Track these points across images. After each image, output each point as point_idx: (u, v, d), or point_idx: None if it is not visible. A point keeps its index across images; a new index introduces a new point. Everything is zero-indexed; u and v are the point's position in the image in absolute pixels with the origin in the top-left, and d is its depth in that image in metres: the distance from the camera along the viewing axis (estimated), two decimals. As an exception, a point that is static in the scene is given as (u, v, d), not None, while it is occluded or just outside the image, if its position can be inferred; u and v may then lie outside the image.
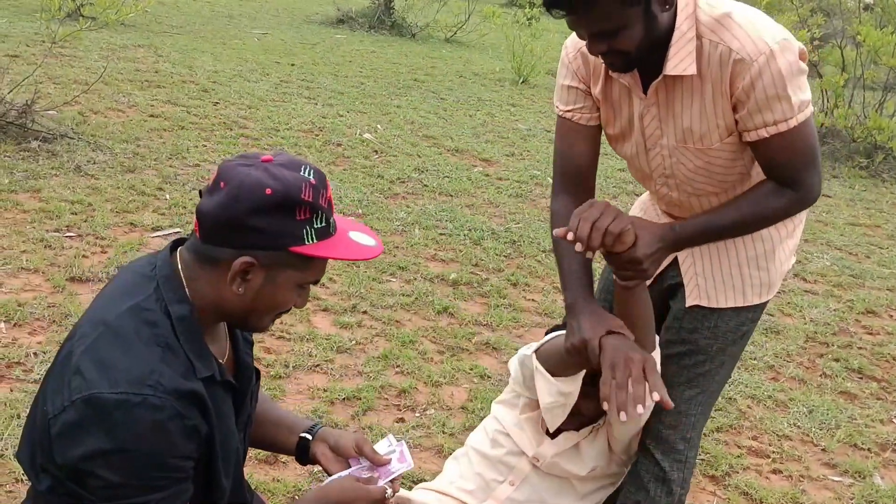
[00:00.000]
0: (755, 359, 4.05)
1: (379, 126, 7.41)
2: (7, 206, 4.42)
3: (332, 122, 7.21)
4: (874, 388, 3.96)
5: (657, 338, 2.04)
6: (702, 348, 2.05)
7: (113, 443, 1.31)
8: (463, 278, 4.48)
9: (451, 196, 5.84)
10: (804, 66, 1.78)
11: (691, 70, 1.77)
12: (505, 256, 4.89)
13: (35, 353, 3.16)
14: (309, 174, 1.41)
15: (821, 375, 4.01)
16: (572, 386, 2.01)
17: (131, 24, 9.71)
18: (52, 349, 3.21)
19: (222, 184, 1.37)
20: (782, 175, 1.84)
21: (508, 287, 4.47)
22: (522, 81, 11.05)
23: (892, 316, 4.88)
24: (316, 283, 1.51)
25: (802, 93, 1.78)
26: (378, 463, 1.73)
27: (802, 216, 2.09)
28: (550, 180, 2.06)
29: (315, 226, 1.41)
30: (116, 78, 7.36)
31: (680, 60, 1.77)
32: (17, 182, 4.72)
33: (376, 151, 6.64)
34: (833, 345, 4.33)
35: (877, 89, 9.50)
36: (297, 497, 2.65)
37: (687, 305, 2.06)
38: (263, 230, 1.37)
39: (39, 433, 1.40)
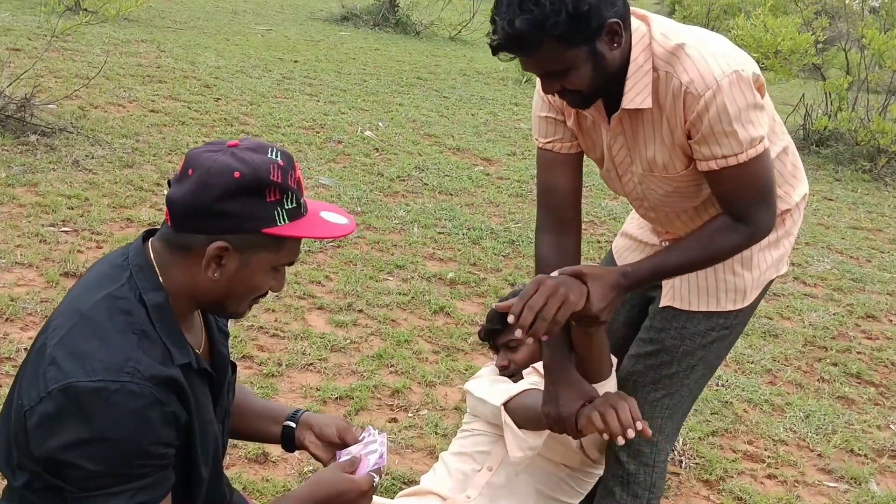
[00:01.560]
0: (752, 362, 4.02)
1: (380, 124, 7.40)
2: (3, 199, 4.40)
3: (333, 120, 7.20)
4: (872, 393, 3.93)
5: (614, 359, 2.14)
6: (667, 348, 2.05)
7: (92, 431, 1.29)
8: (461, 277, 4.46)
9: (451, 195, 5.82)
10: (758, 99, 1.75)
11: (647, 104, 1.78)
12: (503, 256, 4.87)
13: (26, 349, 3.14)
14: (276, 156, 1.40)
15: (818, 380, 3.98)
16: (540, 439, 2.09)
17: (134, 19, 9.71)
18: (44, 344, 3.19)
19: (190, 171, 1.37)
20: (733, 208, 1.84)
21: (506, 287, 4.44)
22: (526, 81, 11.02)
23: (891, 321, 4.84)
24: (290, 264, 1.50)
25: (753, 128, 1.74)
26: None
27: (791, 227, 2.07)
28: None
29: (286, 206, 1.40)
30: (118, 72, 7.35)
31: (637, 94, 1.78)
32: (15, 176, 4.70)
33: (377, 149, 6.63)
34: (832, 349, 4.30)
35: (881, 92, 9.46)
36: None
37: (660, 306, 2.08)
38: (234, 214, 1.36)
39: (15, 428, 1.38)
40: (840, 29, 10.20)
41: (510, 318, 1.74)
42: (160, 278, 1.42)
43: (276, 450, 2.76)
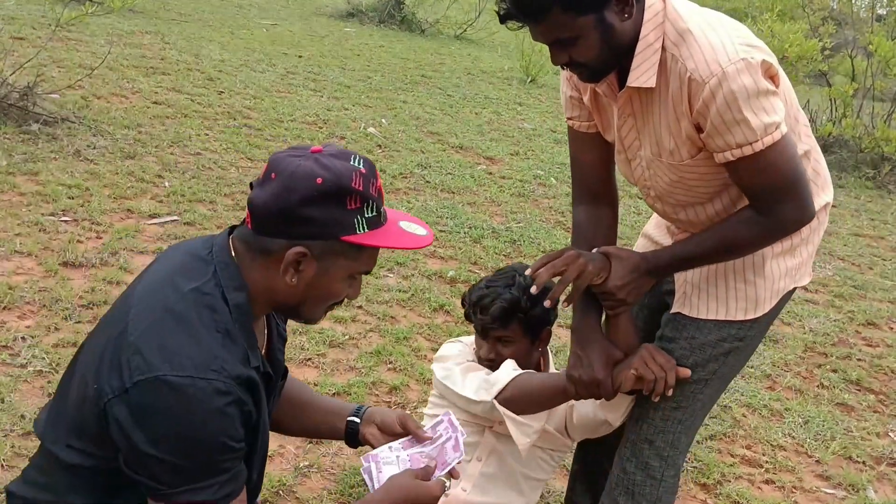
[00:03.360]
0: (752, 367, 4.00)
1: (384, 120, 7.38)
2: (4, 188, 4.39)
3: (336, 115, 7.18)
4: (871, 400, 3.91)
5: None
6: (677, 359, 1.96)
7: (181, 427, 1.30)
8: (461, 276, 4.44)
9: (453, 193, 5.80)
10: (767, 85, 1.69)
11: (650, 83, 1.74)
12: (504, 255, 4.85)
13: (23, 338, 3.13)
14: (359, 163, 1.41)
15: (818, 386, 3.97)
16: (541, 421, 2.11)
17: (139, 10, 9.69)
18: (41, 333, 3.18)
19: (273, 175, 1.37)
20: (756, 201, 1.79)
21: (506, 286, 4.42)
22: (530, 81, 11.01)
23: (892, 328, 4.83)
24: (367, 272, 1.50)
25: (767, 115, 1.69)
26: (419, 439, 1.73)
27: (810, 235, 1.97)
28: (554, 180, 2.08)
29: (366, 215, 1.41)
30: (122, 63, 7.33)
31: (642, 73, 1.74)
32: (16, 164, 4.69)
33: (380, 146, 6.61)
34: (832, 355, 4.29)
35: (886, 100, 9.46)
36: (281, 492, 2.62)
37: (671, 312, 2.03)
38: (315, 220, 1.37)
39: (86, 411, 1.37)
40: (847, 36, 10.19)
41: (528, 271, 1.85)
42: (243, 277, 1.43)
43: (271, 444, 2.74)
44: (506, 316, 2.19)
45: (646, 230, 2.25)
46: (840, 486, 3.20)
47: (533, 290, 1.84)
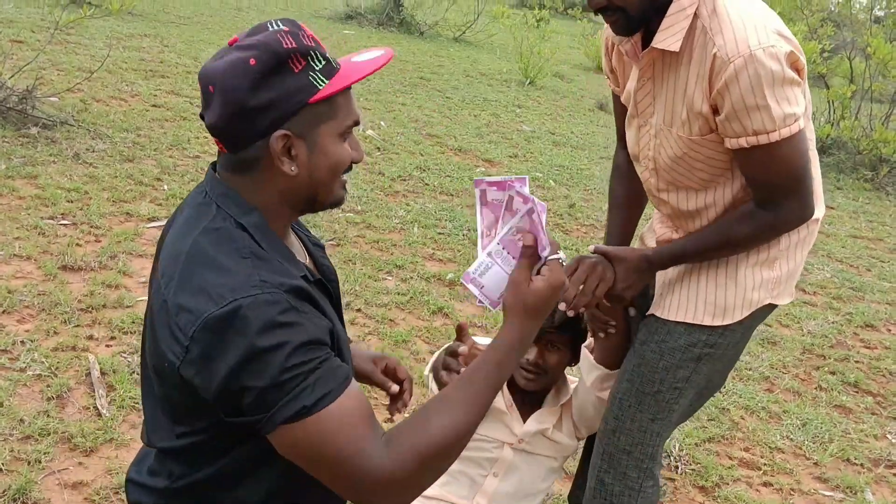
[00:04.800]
0: (750, 369, 4.01)
1: (383, 123, 7.39)
2: (3, 192, 4.39)
3: (335, 118, 7.18)
4: (869, 402, 3.92)
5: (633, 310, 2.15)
6: (647, 362, 1.94)
7: (246, 351, 1.22)
8: (459, 278, 4.45)
9: (452, 195, 5.81)
10: (793, 75, 1.67)
11: (674, 47, 1.72)
12: (503, 258, 4.85)
13: (22, 342, 3.13)
14: (278, 25, 1.33)
15: (816, 388, 3.97)
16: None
17: (138, 13, 9.70)
18: (40, 337, 3.18)
19: (210, 88, 1.30)
20: (760, 193, 1.78)
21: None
22: (529, 83, 11.02)
23: (890, 330, 4.84)
24: (357, 124, 1.41)
25: (789, 105, 1.66)
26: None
27: (790, 248, 1.92)
28: (552, 182, 2.10)
29: (316, 67, 1.32)
30: (120, 66, 7.34)
31: (670, 35, 1.72)
32: (15, 168, 4.69)
33: (379, 148, 6.62)
34: (830, 357, 4.29)
35: (884, 102, 9.47)
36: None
37: (647, 314, 2.02)
38: (273, 101, 1.29)
39: (173, 392, 1.33)
40: (845, 37, 10.20)
41: (562, 306, 1.89)
42: (246, 200, 1.36)
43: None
44: (568, 323, 2.15)
45: (642, 233, 2.26)
46: (838, 489, 3.21)
47: (562, 307, 1.89)
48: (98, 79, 6.57)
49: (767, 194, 1.77)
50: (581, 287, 1.90)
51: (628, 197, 2.17)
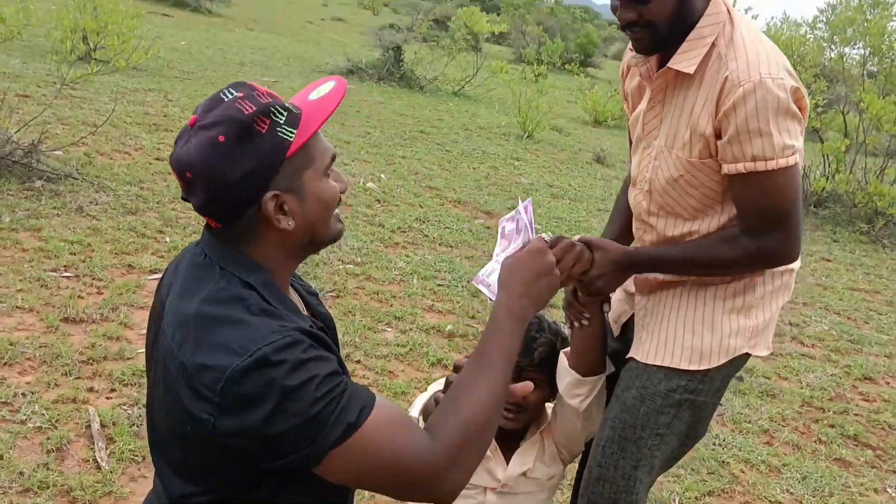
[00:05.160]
0: (749, 422, 4.01)
1: (383, 175, 7.47)
2: (7, 244, 4.43)
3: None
4: (869, 455, 3.91)
5: (609, 362, 2.14)
6: (629, 408, 1.96)
7: (279, 394, 1.24)
8: (459, 330, 4.47)
9: (452, 247, 5.85)
10: (796, 110, 1.74)
11: (689, 69, 1.80)
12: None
13: (23, 394, 3.14)
14: (231, 94, 1.34)
15: (816, 441, 3.97)
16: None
17: (143, 68, 9.85)
18: (41, 389, 3.19)
19: (188, 174, 1.31)
20: (749, 223, 1.81)
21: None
22: (527, 136, 11.15)
23: (889, 383, 4.84)
24: (334, 158, 1.44)
25: (789, 136, 1.73)
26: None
27: (765, 297, 1.94)
28: (550, 234, 2.09)
29: (281, 122, 1.33)
30: (125, 120, 7.45)
31: (686, 59, 1.80)
32: (19, 221, 4.74)
33: (379, 200, 6.68)
34: (829, 410, 4.29)
35: (878, 155, 9.57)
36: None
37: (627, 357, 2.05)
38: (253, 168, 1.31)
39: (197, 453, 1.33)
40: (839, 92, 10.35)
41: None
42: (252, 259, 1.38)
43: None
44: (546, 359, 2.18)
45: None
46: (839, 543, 3.19)
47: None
48: (102, 133, 6.67)
49: (756, 223, 1.80)
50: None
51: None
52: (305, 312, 1.51)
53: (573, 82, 15.34)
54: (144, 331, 3.81)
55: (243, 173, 1.30)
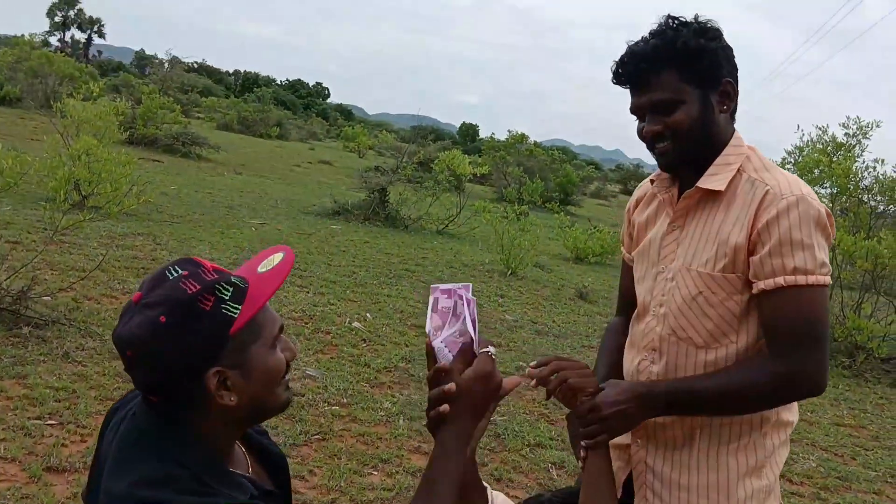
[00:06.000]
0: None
1: (368, 314, 7.54)
2: (-8, 391, 4.43)
3: (322, 311, 7.34)
4: None
5: None
6: None
7: None
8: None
9: (437, 388, 5.85)
10: (830, 230, 1.78)
11: (719, 186, 1.84)
12: (489, 450, 4.85)
13: (2, 547, 3.08)
14: (176, 272, 1.33)
15: (810, 583, 3.90)
16: None
17: (132, 213, 10.05)
18: (21, 543, 3.13)
19: (129, 352, 1.30)
20: (781, 344, 1.74)
21: (492, 482, 4.41)
22: (511, 273, 11.33)
23: (881, 520, 4.79)
24: (282, 329, 1.43)
25: (824, 254, 1.75)
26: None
27: (774, 453, 1.89)
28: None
29: (225, 298, 1.32)
30: (113, 265, 7.55)
31: (714, 179, 1.85)
32: (4, 368, 4.74)
33: (364, 340, 6.72)
34: (822, 550, 4.23)
35: (855, 289, 9.75)
36: None
37: None
38: (195, 346, 1.29)
39: None
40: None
41: (530, 371, 1.80)
42: (189, 434, 1.35)
43: None
44: None
45: None
46: None
47: (532, 383, 1.79)
48: (91, 277, 6.75)
49: (788, 344, 1.73)
50: (556, 372, 1.79)
51: (620, 346, 2.13)
52: (249, 471, 1.48)
53: (553, 220, 15.71)
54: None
55: (184, 352, 1.29)
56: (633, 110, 1.88)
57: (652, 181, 2.06)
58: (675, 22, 1.83)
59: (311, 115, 77.46)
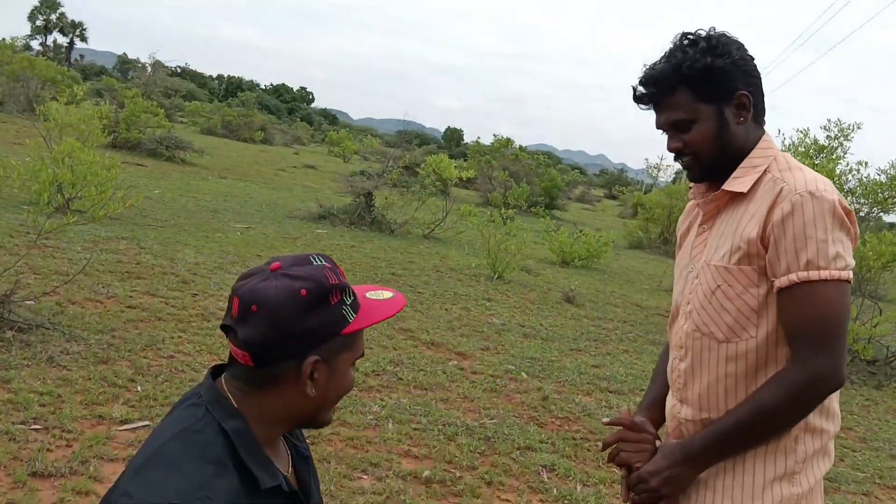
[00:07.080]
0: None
1: (355, 319, 7.49)
2: (-25, 396, 4.36)
3: (308, 315, 7.29)
4: None
5: None
6: None
7: None
8: (436, 476, 4.40)
9: (426, 390, 5.83)
10: (848, 222, 1.77)
11: (742, 188, 1.87)
12: (479, 453, 4.83)
13: (-13, 554, 3.03)
14: (321, 261, 1.45)
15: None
16: None
17: (116, 217, 9.97)
18: (6, 549, 3.08)
19: (254, 307, 1.37)
20: (798, 344, 1.76)
21: (482, 486, 4.39)
22: (497, 277, 11.32)
23: (870, 520, 4.80)
24: (362, 356, 1.52)
25: (842, 247, 1.74)
26: None
27: (807, 461, 1.84)
28: (525, 374, 2.13)
29: (348, 302, 1.44)
30: (97, 269, 7.47)
31: (739, 182, 1.88)
32: (-12, 372, 4.68)
33: (352, 345, 6.68)
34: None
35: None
36: None
37: None
38: (315, 329, 1.39)
39: None
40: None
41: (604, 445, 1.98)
42: (236, 406, 1.41)
43: None
44: None
45: None
46: None
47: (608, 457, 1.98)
48: (75, 281, 6.68)
49: (804, 344, 1.75)
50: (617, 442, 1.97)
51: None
52: (289, 471, 1.53)
53: (539, 224, 15.73)
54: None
55: (305, 329, 1.38)
56: (657, 127, 1.96)
57: (692, 194, 2.11)
58: (687, 40, 1.89)
59: (296, 120, 77.40)
